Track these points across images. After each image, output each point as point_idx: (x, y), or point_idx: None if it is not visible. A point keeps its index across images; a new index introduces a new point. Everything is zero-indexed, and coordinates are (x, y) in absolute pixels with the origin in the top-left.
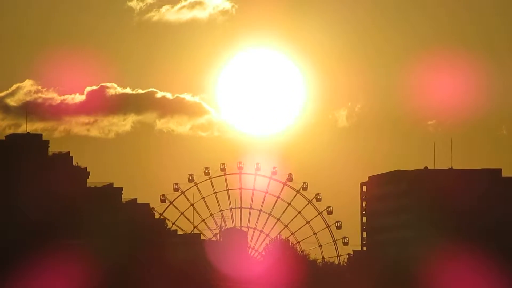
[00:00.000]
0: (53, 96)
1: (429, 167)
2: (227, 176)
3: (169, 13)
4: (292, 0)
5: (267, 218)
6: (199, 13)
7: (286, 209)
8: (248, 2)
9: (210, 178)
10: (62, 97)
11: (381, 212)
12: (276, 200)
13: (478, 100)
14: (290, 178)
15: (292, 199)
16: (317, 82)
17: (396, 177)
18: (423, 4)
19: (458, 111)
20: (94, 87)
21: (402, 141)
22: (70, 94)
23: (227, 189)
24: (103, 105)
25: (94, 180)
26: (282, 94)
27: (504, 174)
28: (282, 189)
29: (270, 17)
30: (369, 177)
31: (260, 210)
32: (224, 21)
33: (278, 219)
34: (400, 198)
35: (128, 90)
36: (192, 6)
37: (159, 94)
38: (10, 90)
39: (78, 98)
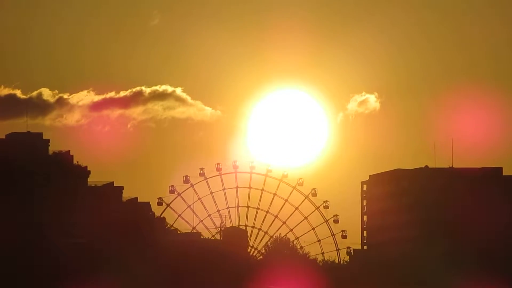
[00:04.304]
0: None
1: (429, 166)
2: (223, 176)
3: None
4: (315, 41)
5: (265, 216)
6: None
7: (283, 205)
8: (272, 45)
9: (205, 179)
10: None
11: (382, 211)
12: (273, 197)
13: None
14: (285, 176)
15: (289, 196)
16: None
17: (396, 176)
18: (447, 45)
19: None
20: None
21: (402, 140)
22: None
23: (224, 189)
24: (104, 105)
25: (95, 179)
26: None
27: (504, 173)
28: (278, 186)
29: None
30: (369, 176)
31: (258, 208)
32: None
33: (276, 216)
34: (400, 197)
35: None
36: None
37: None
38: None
39: (80, 98)
